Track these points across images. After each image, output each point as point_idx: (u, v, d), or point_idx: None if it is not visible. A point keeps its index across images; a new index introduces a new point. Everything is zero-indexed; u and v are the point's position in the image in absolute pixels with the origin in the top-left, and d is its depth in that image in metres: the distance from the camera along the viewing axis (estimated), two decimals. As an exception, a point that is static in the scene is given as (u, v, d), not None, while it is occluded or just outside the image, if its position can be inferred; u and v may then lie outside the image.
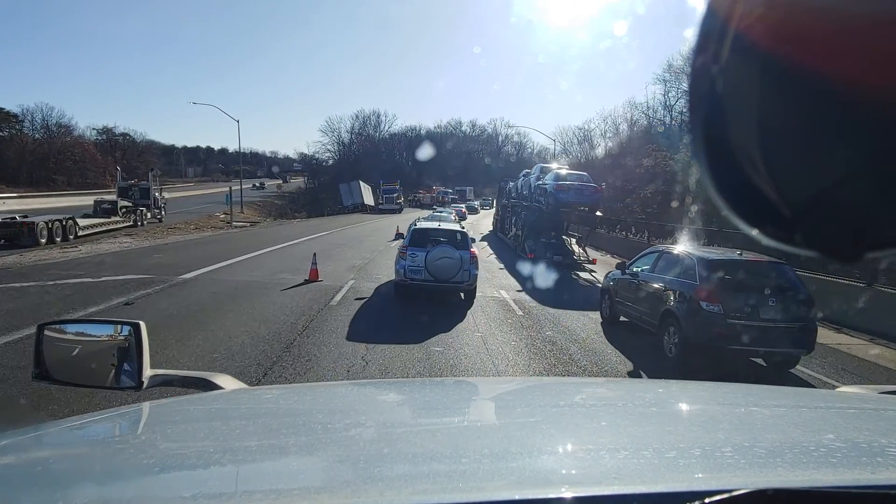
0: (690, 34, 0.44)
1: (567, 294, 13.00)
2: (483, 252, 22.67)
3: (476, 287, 11.16)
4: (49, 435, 1.27)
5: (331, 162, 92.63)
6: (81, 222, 21.70)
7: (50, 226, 19.07)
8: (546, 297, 12.13)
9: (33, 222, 18.24)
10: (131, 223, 26.94)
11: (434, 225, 12.45)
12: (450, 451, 1.09)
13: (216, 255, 15.85)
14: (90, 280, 11.00)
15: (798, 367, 7.61)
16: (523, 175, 24.38)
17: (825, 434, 1.24)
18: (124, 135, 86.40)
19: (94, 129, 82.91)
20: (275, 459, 1.07)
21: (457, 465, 0.99)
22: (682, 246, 8.85)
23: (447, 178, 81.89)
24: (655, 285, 8.21)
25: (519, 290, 13.10)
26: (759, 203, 0.43)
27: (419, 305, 10.28)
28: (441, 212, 29.92)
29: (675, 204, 21.49)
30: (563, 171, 20.59)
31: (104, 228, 23.64)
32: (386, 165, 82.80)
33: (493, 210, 36.60)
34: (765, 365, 7.61)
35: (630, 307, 9.02)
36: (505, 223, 26.87)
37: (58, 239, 19.30)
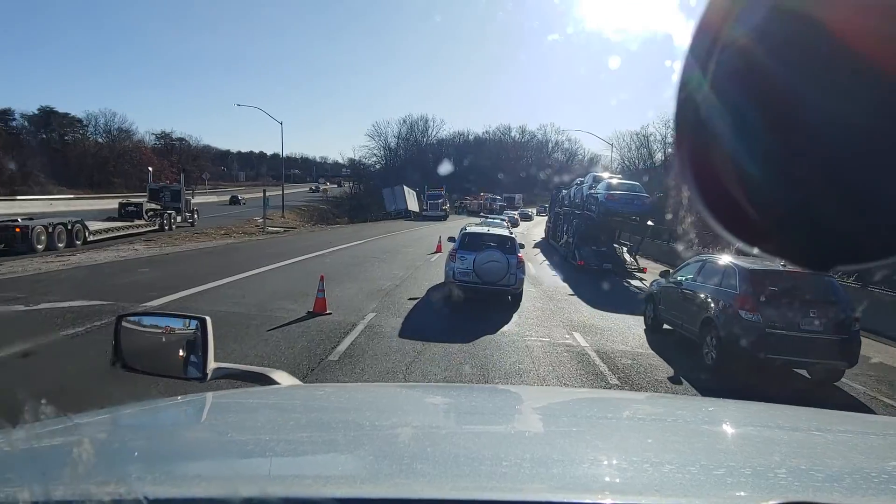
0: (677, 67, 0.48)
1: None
2: (536, 258, 21.10)
3: (522, 291, 11.15)
4: (124, 416, 1.36)
5: (377, 167, 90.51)
6: (93, 226, 19.35)
7: (50, 230, 16.67)
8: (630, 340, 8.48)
9: (27, 226, 15.85)
10: (157, 227, 24.71)
11: (483, 230, 12.43)
12: (492, 453, 1.09)
13: (218, 269, 12.84)
14: (21, 308, 8.04)
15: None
16: (576, 183, 24.11)
17: (890, 461, 1.18)
18: (180, 139, 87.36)
19: (152, 133, 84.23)
20: (324, 450, 1.12)
21: (497, 467, 0.99)
22: (726, 256, 8.40)
23: (495, 184, 78.12)
24: (697, 294, 8.22)
25: (582, 303, 10.97)
26: (742, 219, 0.47)
27: (463, 364, 6.82)
28: (494, 219, 28.65)
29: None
30: (615, 181, 20.46)
31: (122, 233, 21.27)
32: (432, 171, 79.96)
33: (546, 218, 35.65)
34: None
35: (672, 315, 9.05)
36: (557, 231, 26.48)
37: (60, 245, 16.89)
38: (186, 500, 0.76)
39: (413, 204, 56.64)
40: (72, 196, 48.53)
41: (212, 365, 1.58)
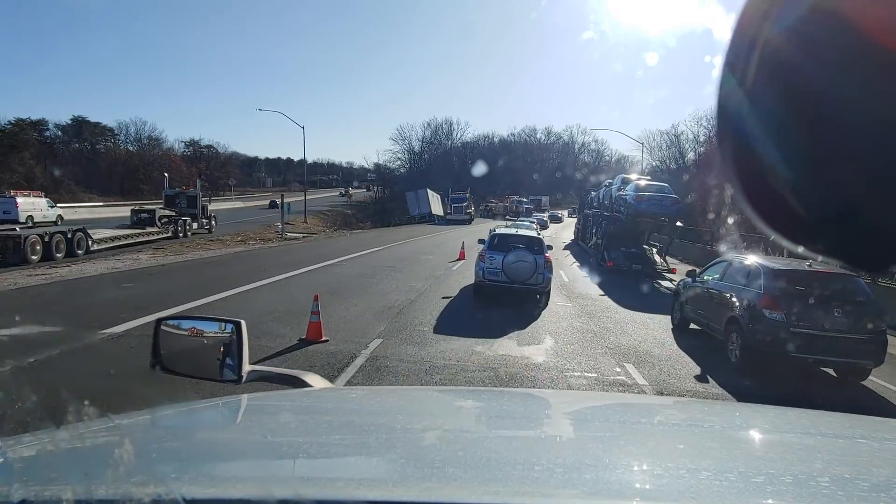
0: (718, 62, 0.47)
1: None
2: (565, 260, 20.24)
3: (550, 290, 11.25)
4: (163, 417, 1.37)
5: (402, 171, 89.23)
6: (97, 235, 18.23)
7: (47, 240, 15.53)
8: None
9: (20, 236, 14.72)
10: (170, 234, 23.63)
11: (512, 231, 12.59)
12: (523, 458, 1.07)
13: (214, 283, 11.37)
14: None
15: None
16: (605, 185, 24.04)
17: None
18: (209, 146, 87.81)
19: (181, 141, 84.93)
20: (357, 453, 1.10)
21: (529, 472, 0.98)
22: (752, 256, 8.57)
23: (521, 186, 76.00)
24: (723, 293, 8.19)
25: (627, 319, 9.62)
26: (790, 218, 0.45)
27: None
28: (522, 221, 28.86)
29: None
30: (643, 182, 20.30)
31: (131, 241, 20.15)
32: (457, 174, 78.26)
33: (576, 219, 35.50)
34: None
35: (699, 314, 9.01)
36: (586, 232, 26.38)
37: (59, 255, 15.72)
38: (222, 500, 0.76)
39: (437, 207, 55.04)
40: (100, 203, 48.64)
41: (247, 367, 1.58)
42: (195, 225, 26.58)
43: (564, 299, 12.29)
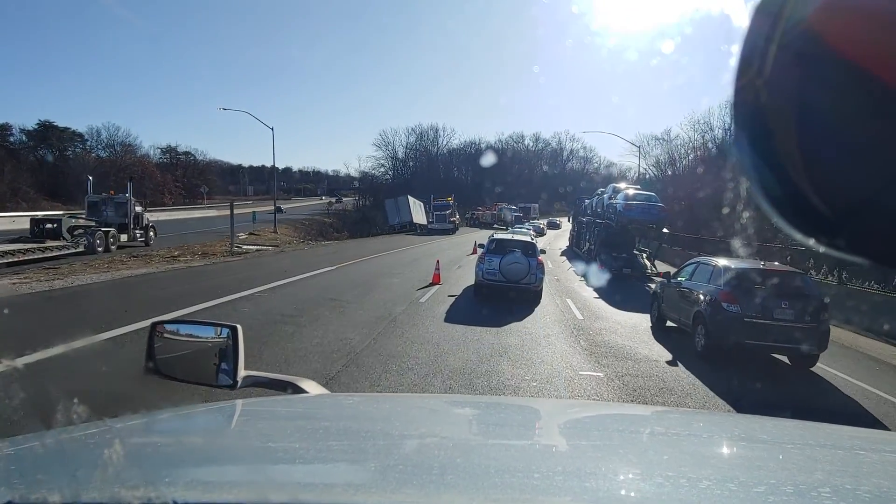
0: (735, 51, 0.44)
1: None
2: (562, 266, 19.79)
3: (542, 289, 12.09)
4: (157, 421, 1.33)
5: (386, 178, 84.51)
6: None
7: None
8: None
9: None
10: (82, 249, 18.81)
11: (508, 236, 13.72)
12: (523, 465, 1.06)
13: (56, 330, 6.73)
14: None
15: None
16: (597, 194, 24.71)
17: None
18: (186, 153, 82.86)
19: (158, 147, 79.96)
20: (354, 459, 1.08)
21: (529, 479, 0.96)
22: (717, 258, 9.25)
23: (509, 194, 71.85)
24: (691, 291, 8.84)
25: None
26: (810, 213, 0.43)
27: None
28: (519, 228, 29.06)
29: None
30: (632, 192, 21.10)
31: (11, 259, 15.37)
32: (443, 182, 73.91)
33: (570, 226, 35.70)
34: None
35: (672, 311, 9.64)
36: (580, 239, 26.85)
37: None
38: None
39: (419, 216, 50.43)
40: (63, 212, 43.80)
41: (242, 373, 1.55)
42: (124, 237, 21.79)
43: (590, 361, 7.56)
